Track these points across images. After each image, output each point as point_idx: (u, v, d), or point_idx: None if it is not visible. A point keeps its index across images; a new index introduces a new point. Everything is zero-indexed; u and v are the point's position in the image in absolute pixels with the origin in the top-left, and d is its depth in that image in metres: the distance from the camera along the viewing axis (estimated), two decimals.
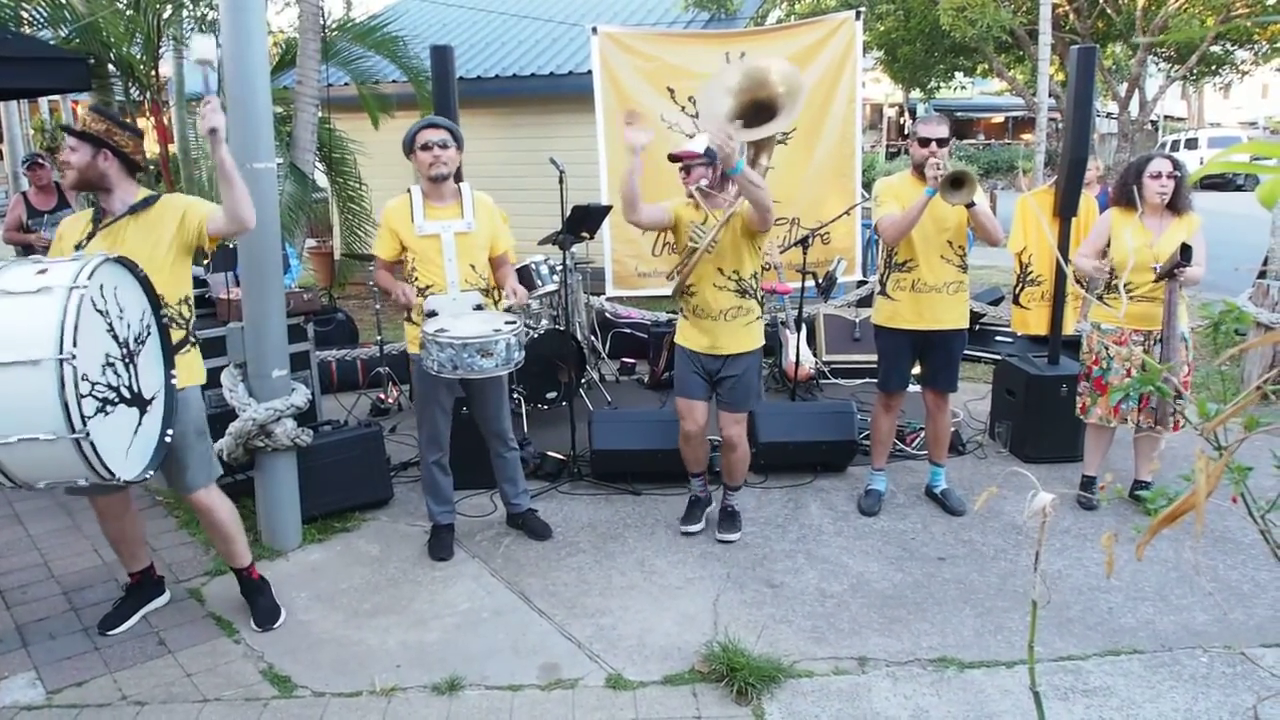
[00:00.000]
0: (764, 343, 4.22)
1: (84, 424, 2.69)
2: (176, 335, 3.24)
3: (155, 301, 3.06)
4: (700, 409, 4.15)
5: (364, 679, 3.19)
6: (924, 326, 4.34)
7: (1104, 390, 4.48)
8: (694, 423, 4.15)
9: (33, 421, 2.67)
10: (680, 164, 4.05)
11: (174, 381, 3.14)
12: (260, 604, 3.63)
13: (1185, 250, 4.06)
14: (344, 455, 4.46)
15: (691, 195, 4.01)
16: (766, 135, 3.97)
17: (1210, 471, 1.29)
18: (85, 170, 3.20)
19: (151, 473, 3.02)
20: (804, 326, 6.39)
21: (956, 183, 3.96)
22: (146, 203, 3.25)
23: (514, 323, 3.74)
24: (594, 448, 4.91)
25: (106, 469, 2.78)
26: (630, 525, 4.47)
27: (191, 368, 3.35)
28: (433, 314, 3.82)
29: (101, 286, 2.82)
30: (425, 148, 3.85)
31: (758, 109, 3.90)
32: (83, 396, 2.68)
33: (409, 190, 3.96)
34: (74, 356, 2.65)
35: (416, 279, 3.92)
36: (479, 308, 3.93)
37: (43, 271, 2.75)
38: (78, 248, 3.16)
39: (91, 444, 2.72)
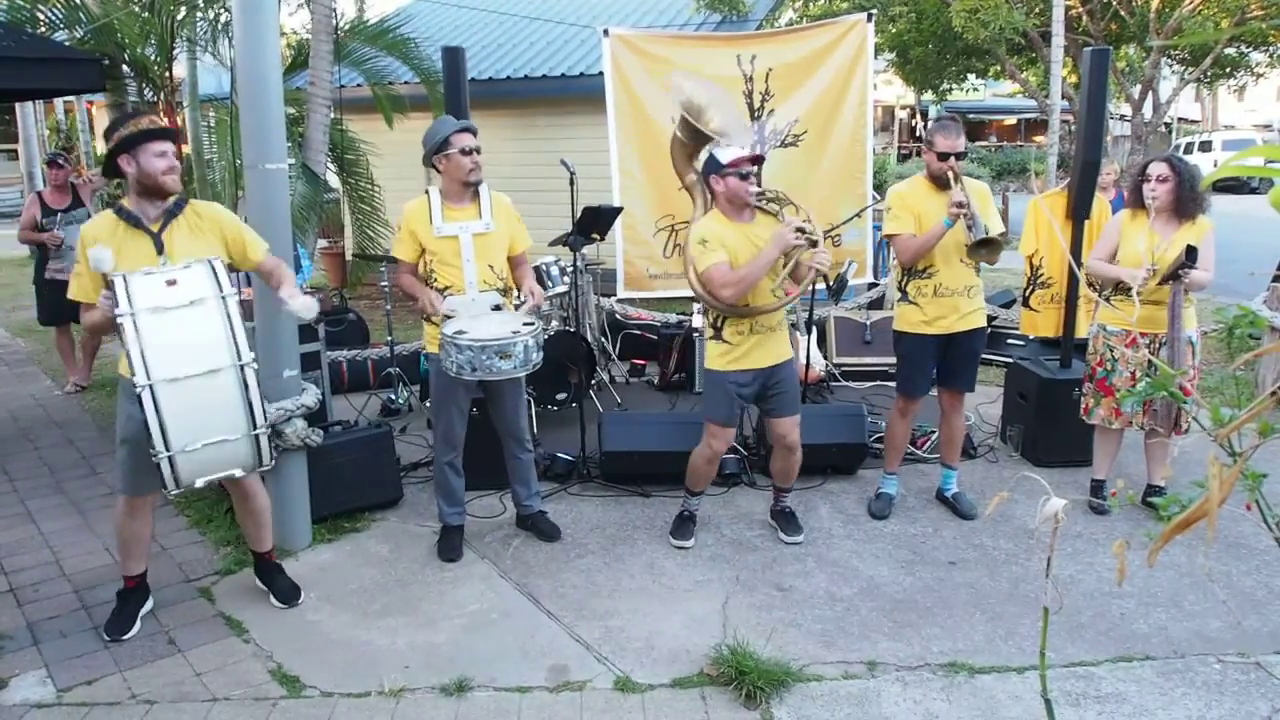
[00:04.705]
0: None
1: (265, 419, 3.01)
2: None
3: None
4: (734, 432, 4.25)
5: (373, 679, 3.19)
6: (948, 329, 4.32)
7: (1108, 392, 4.45)
8: (726, 445, 4.20)
9: (218, 427, 2.96)
10: (739, 171, 3.82)
11: None
12: (280, 583, 3.74)
13: (1190, 252, 4.02)
14: (354, 456, 4.47)
15: (755, 204, 3.94)
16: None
17: (1224, 478, 1.28)
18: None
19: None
20: (814, 329, 6.37)
21: (990, 243, 4.08)
22: (179, 206, 3.32)
23: (532, 324, 3.75)
24: (604, 449, 4.90)
25: (271, 455, 3.12)
26: (639, 527, 4.46)
27: None
28: (451, 315, 3.83)
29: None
30: (466, 152, 3.87)
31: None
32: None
33: (426, 192, 3.98)
34: (253, 360, 2.96)
35: (435, 280, 3.93)
36: (497, 308, 3.94)
37: (173, 283, 2.96)
38: (160, 251, 3.22)
39: (267, 437, 3.06)
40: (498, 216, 3.98)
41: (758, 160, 3.90)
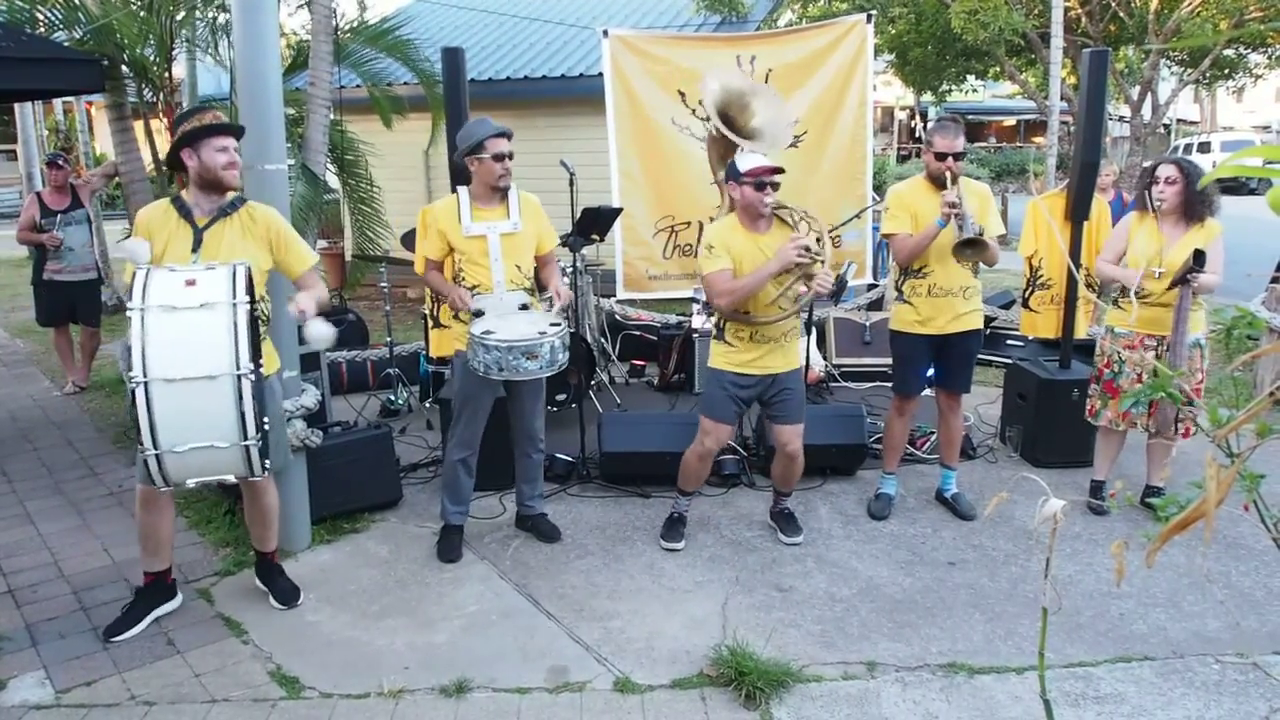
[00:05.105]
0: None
1: (257, 432, 2.94)
2: (260, 328, 3.37)
3: (253, 297, 3.12)
4: (729, 431, 4.23)
5: (372, 680, 3.19)
6: (942, 330, 4.32)
7: (1114, 394, 4.45)
8: (718, 443, 4.18)
9: (208, 432, 2.91)
10: (756, 181, 3.80)
11: (262, 370, 3.21)
12: (280, 584, 3.74)
13: (1198, 256, 4.02)
14: (353, 456, 4.47)
15: (767, 214, 3.90)
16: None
17: (1221, 479, 1.28)
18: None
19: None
20: (814, 330, 6.37)
21: (975, 244, 4.04)
22: (235, 205, 3.38)
23: (559, 325, 3.77)
24: (603, 450, 4.91)
25: (262, 465, 3.05)
26: (639, 528, 4.46)
27: (271, 356, 3.52)
28: (479, 314, 3.84)
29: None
30: (499, 158, 3.87)
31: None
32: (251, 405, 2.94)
33: (455, 191, 3.99)
34: (251, 371, 2.91)
35: (463, 279, 3.94)
36: (524, 307, 3.95)
37: (191, 283, 2.94)
38: (197, 246, 3.27)
39: (260, 449, 2.98)
40: (526, 216, 3.99)
41: (777, 171, 3.86)
